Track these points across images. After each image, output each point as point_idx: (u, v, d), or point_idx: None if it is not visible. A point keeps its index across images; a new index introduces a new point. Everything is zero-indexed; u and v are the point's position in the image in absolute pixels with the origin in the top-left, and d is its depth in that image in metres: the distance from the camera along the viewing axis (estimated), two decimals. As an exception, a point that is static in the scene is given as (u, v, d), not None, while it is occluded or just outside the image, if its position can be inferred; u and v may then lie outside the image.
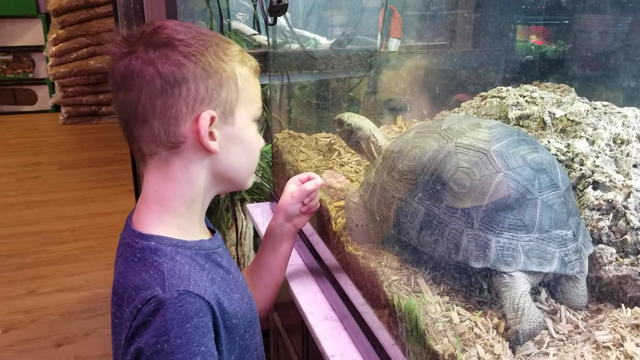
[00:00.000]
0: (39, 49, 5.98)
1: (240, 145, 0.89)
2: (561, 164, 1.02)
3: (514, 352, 0.78)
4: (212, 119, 0.83)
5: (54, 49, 5.55)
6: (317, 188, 1.13)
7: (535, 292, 0.92)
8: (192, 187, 0.87)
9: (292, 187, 1.13)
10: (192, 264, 0.83)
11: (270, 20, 1.41)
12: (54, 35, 5.53)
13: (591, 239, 0.91)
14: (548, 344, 0.80)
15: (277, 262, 1.14)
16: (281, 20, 1.65)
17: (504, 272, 0.84)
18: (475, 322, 0.83)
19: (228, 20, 2.03)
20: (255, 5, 2.09)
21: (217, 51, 0.84)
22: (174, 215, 0.86)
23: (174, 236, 0.85)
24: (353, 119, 1.21)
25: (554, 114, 1.15)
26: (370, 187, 1.08)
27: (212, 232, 0.96)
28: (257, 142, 0.93)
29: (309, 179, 1.14)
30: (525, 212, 0.85)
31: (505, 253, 0.85)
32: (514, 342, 0.79)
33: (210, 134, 0.84)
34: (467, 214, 0.87)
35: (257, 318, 0.96)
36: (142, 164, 0.89)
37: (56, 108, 6.04)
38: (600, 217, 0.92)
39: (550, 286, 0.93)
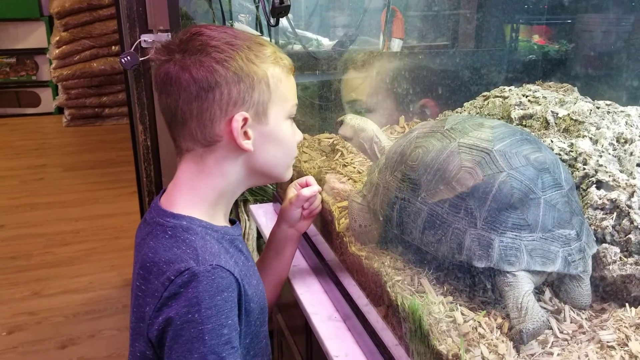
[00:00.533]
0: (42, 51, 6.01)
1: (274, 143, 0.93)
2: (564, 164, 1.02)
3: (518, 351, 0.78)
4: (245, 120, 0.88)
5: (57, 51, 5.57)
6: (315, 194, 1.14)
7: (539, 292, 0.92)
8: (224, 180, 0.92)
9: (292, 193, 1.16)
10: (219, 246, 0.88)
11: (272, 21, 1.41)
12: (57, 38, 5.54)
13: (595, 239, 0.91)
14: (552, 343, 0.80)
15: (281, 265, 1.17)
16: (283, 21, 1.65)
17: (507, 272, 0.84)
18: (479, 322, 0.83)
19: (230, 21, 2.03)
20: (257, 7, 2.10)
21: (249, 54, 0.88)
22: (203, 202, 0.92)
23: (203, 219, 0.90)
24: (356, 120, 1.21)
25: (557, 114, 1.14)
26: (373, 187, 1.08)
27: (232, 222, 1.01)
28: (293, 138, 0.97)
29: (307, 184, 1.16)
30: (529, 212, 0.85)
31: (509, 253, 0.84)
32: (518, 341, 0.79)
33: (245, 134, 0.89)
34: (470, 214, 0.87)
35: (267, 307, 1.00)
36: (179, 156, 0.95)
37: (59, 110, 6.06)
38: (604, 216, 0.92)
39: (554, 286, 0.93)
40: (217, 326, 0.80)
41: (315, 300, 1.19)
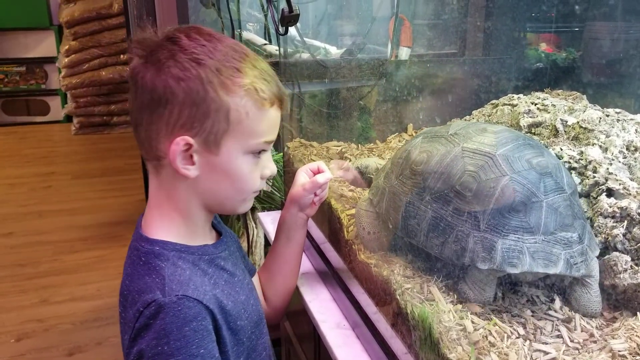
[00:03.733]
0: (51, 60, 6.06)
1: (224, 175, 0.86)
2: (574, 171, 1.02)
3: (528, 360, 0.78)
4: (189, 145, 0.82)
5: (66, 60, 5.61)
6: (328, 180, 1.14)
7: (550, 301, 0.91)
8: (180, 201, 0.87)
9: (304, 178, 1.13)
10: (193, 269, 0.85)
11: (281, 30, 1.42)
12: (67, 47, 5.59)
13: (597, 242, 0.91)
14: (563, 352, 0.80)
15: (293, 251, 1.16)
16: (291, 30, 1.66)
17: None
18: (489, 330, 0.83)
19: (239, 30, 2.04)
20: (266, 16, 2.11)
21: (213, 78, 0.80)
22: (173, 224, 0.88)
23: (177, 241, 0.87)
24: (358, 162, 1.27)
25: (566, 122, 1.14)
26: (379, 191, 1.09)
27: (220, 234, 0.99)
28: (251, 175, 0.88)
29: (319, 170, 1.14)
30: (531, 215, 0.86)
31: (511, 255, 0.85)
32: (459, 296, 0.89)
33: (190, 157, 0.83)
34: (474, 217, 0.88)
35: (263, 319, 0.99)
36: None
37: (68, 118, 6.10)
38: (615, 224, 0.92)
39: (565, 294, 0.92)
40: (188, 357, 0.78)
41: (323, 308, 1.19)
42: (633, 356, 0.78)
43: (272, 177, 0.93)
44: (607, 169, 0.98)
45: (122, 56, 5.72)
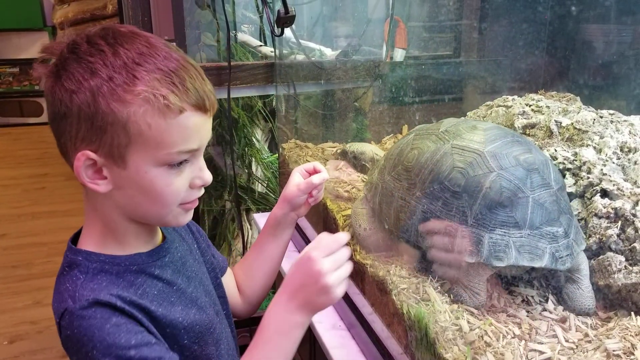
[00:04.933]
0: (45, 61, 6.03)
1: (137, 190, 0.79)
2: (568, 172, 1.03)
3: (524, 360, 0.78)
4: (92, 160, 0.76)
5: (60, 61, 5.59)
6: (324, 182, 1.13)
7: (544, 301, 0.92)
8: (103, 213, 0.82)
9: (298, 178, 1.11)
10: (115, 281, 0.80)
11: (277, 31, 1.43)
12: (60, 48, 5.56)
13: (584, 237, 0.93)
14: (558, 352, 0.80)
15: (279, 250, 1.14)
16: (287, 31, 1.66)
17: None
18: (485, 330, 0.83)
19: (234, 32, 2.04)
20: (261, 17, 2.11)
21: (105, 88, 0.73)
22: (99, 234, 0.83)
23: (103, 251, 0.82)
24: (355, 146, 1.28)
25: (561, 123, 1.15)
26: (373, 187, 1.11)
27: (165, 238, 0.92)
28: (169, 188, 0.79)
29: (315, 170, 1.13)
30: (517, 210, 0.88)
31: (498, 249, 0.87)
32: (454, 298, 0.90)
33: (99, 171, 0.77)
34: (462, 212, 0.90)
35: (213, 329, 0.93)
36: None
37: (62, 120, 6.07)
38: (609, 225, 0.92)
39: (557, 294, 0.93)
40: (121, 351, 0.73)
41: (319, 309, 1.19)
42: (627, 356, 0.79)
43: (205, 186, 0.85)
44: (601, 169, 0.99)
45: (116, 57, 5.69)
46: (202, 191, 0.85)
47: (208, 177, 0.83)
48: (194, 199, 0.84)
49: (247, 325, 1.93)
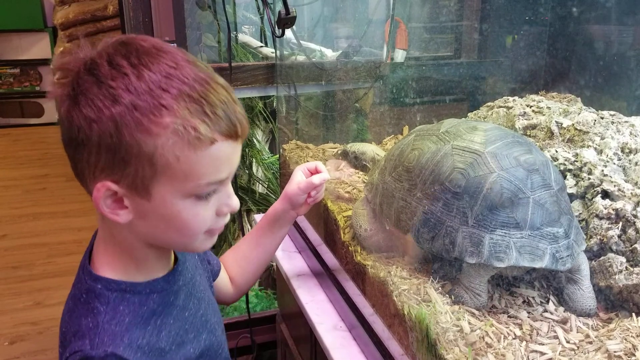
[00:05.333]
0: (46, 62, 6.03)
1: (161, 221, 0.75)
2: (569, 173, 1.03)
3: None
4: (112, 191, 0.71)
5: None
6: (324, 182, 1.14)
7: (545, 302, 0.92)
8: (122, 240, 0.79)
9: (300, 176, 1.13)
10: (137, 312, 0.77)
11: (278, 32, 1.43)
12: (61, 49, 5.57)
13: (584, 237, 0.93)
14: (559, 353, 0.80)
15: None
16: (288, 32, 1.66)
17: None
18: (486, 331, 0.83)
19: (235, 33, 2.05)
20: (262, 18, 2.11)
21: (134, 119, 0.67)
22: (118, 260, 0.80)
23: (123, 278, 0.79)
24: (356, 146, 1.29)
25: (561, 124, 1.15)
26: (373, 187, 1.11)
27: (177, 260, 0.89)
28: (196, 219, 0.75)
29: (316, 169, 1.14)
30: (518, 211, 0.88)
31: (498, 249, 0.87)
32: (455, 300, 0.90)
33: (121, 201, 0.73)
34: (462, 212, 0.90)
35: (222, 350, 0.92)
36: None
37: (62, 121, 6.07)
38: (610, 226, 0.92)
39: (558, 295, 0.93)
40: None
41: (320, 310, 1.19)
42: (628, 357, 0.79)
43: (233, 213, 0.81)
44: (602, 170, 0.99)
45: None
46: (229, 217, 0.81)
47: (235, 204, 0.79)
48: (221, 225, 0.80)
49: (247, 326, 1.94)
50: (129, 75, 0.68)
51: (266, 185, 2.35)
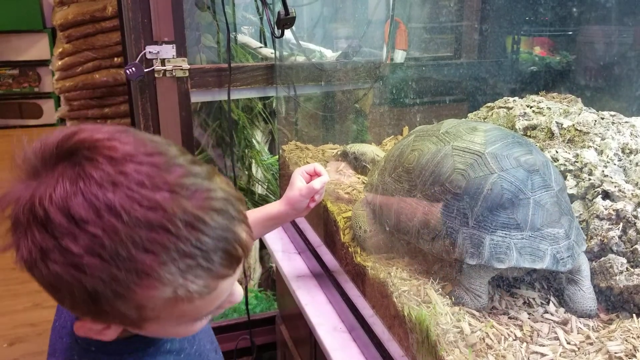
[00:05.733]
0: (44, 63, 6.03)
1: (156, 334, 0.68)
2: (569, 174, 1.03)
3: (526, 362, 0.78)
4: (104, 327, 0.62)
5: (59, 63, 5.56)
6: (324, 184, 1.13)
7: (546, 303, 0.92)
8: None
9: (300, 182, 1.12)
10: None
11: (277, 33, 1.42)
12: (60, 50, 5.53)
13: (584, 238, 0.93)
14: (560, 354, 0.80)
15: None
16: (287, 33, 1.66)
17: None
18: (486, 332, 0.83)
19: (234, 33, 2.04)
20: (261, 19, 2.11)
21: (112, 291, 0.54)
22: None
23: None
24: (356, 147, 1.29)
25: (562, 124, 1.15)
26: (373, 188, 1.11)
27: None
28: (195, 327, 0.67)
29: (315, 171, 1.14)
30: (518, 212, 0.88)
31: (499, 250, 0.87)
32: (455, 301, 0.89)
33: (107, 327, 0.63)
34: (463, 213, 0.90)
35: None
36: None
37: (62, 122, 6.06)
38: (610, 226, 0.92)
39: (558, 296, 0.93)
40: None
41: (320, 311, 1.19)
42: (629, 358, 0.78)
43: (236, 303, 0.73)
44: (603, 171, 0.99)
45: (115, 59, 5.70)
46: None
47: (238, 297, 0.70)
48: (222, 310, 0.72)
49: (246, 327, 1.93)
50: (96, 236, 0.52)
51: (265, 186, 2.35)
